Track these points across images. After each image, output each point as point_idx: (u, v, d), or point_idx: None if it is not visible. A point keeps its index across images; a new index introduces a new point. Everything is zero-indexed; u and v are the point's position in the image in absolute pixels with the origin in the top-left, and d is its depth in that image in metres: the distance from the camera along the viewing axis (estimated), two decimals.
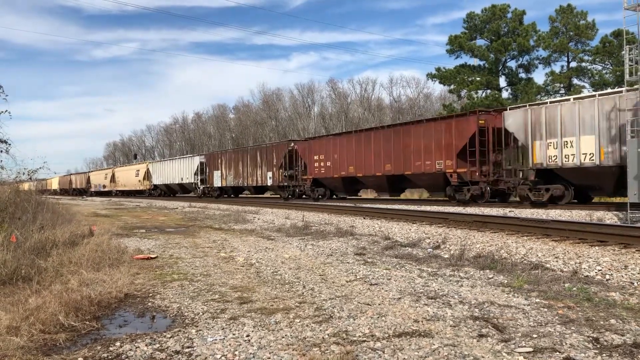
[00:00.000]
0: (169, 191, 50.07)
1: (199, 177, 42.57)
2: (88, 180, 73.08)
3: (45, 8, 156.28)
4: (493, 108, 24.91)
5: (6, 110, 10.97)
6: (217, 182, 39.97)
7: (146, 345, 4.56)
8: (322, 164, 28.79)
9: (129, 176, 57.67)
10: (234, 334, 4.81)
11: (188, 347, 4.48)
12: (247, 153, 36.52)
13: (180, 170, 45.35)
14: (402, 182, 24.77)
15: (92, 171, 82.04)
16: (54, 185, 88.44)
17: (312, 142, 31.03)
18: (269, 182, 33.40)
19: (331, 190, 29.92)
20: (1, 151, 11.64)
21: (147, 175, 52.56)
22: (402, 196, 28.76)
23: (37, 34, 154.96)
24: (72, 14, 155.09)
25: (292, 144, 32.31)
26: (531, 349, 4.26)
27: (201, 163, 42.55)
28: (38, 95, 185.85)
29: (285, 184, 31.95)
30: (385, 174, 24.47)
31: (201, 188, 42.58)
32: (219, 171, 39.73)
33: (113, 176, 62.80)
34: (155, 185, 51.04)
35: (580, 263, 7.79)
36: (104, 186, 65.11)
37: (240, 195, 41.14)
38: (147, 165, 54.26)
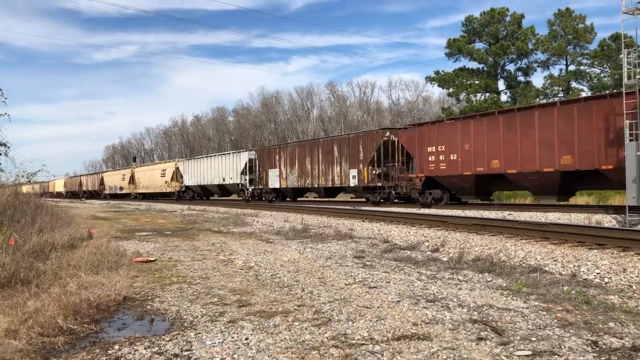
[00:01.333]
0: (204, 194, 43.31)
1: (247, 177, 35.45)
2: (101, 182, 66.72)
3: (44, 10, 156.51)
4: None
5: (5, 113, 10.98)
6: (274, 183, 33.11)
7: (145, 348, 4.56)
8: (442, 157, 21.51)
9: (152, 177, 50.87)
10: (232, 337, 4.81)
11: (187, 350, 4.48)
12: (318, 146, 29.40)
13: (222, 168, 38.34)
14: (588, 180, 17.43)
15: (106, 171, 74.57)
16: (59, 187, 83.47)
17: (423, 129, 23.07)
18: (353, 182, 26.44)
19: (452, 192, 22.57)
20: (0, 154, 11.64)
21: (176, 176, 45.86)
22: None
23: (36, 36, 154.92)
24: (71, 17, 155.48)
25: (388, 133, 25.11)
26: (530, 352, 4.26)
27: (250, 160, 35.33)
28: (37, 98, 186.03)
29: (378, 184, 24.90)
30: (560, 170, 17.26)
31: (250, 190, 35.54)
32: (277, 169, 32.77)
33: (132, 177, 56.47)
34: (186, 187, 44.09)
35: (579, 266, 7.80)
36: (121, 188, 59.14)
37: (299, 199, 34.74)
38: (176, 164, 46.76)
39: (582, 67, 40.44)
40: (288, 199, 34.23)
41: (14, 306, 5.73)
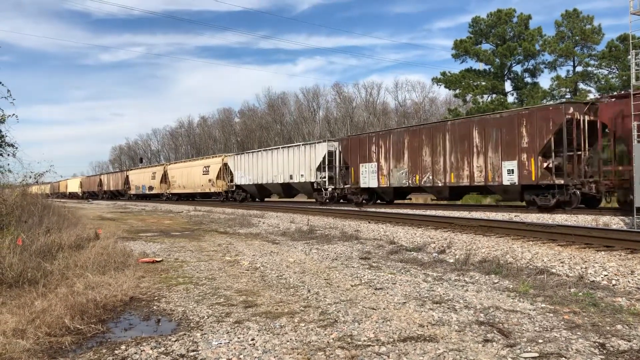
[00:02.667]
0: (261, 194, 36.45)
1: (324, 174, 28.31)
2: (126, 181, 59.92)
3: (53, 12, 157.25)
4: None
5: (13, 114, 11.03)
6: (369, 181, 25.30)
7: (151, 348, 4.57)
8: None
9: (191, 175, 43.60)
10: (238, 338, 4.82)
11: (193, 351, 4.49)
12: (444, 131, 21.67)
13: (289, 164, 31.13)
14: None
15: (132, 169, 65.42)
16: (73, 187, 78.17)
17: None
18: (509, 179, 18.87)
19: None
20: (9, 155, 11.70)
21: (223, 174, 38.94)
22: None
23: (45, 38, 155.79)
24: (79, 18, 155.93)
25: (572, 109, 17.43)
26: (537, 354, 4.24)
27: (330, 153, 28.13)
28: (45, 99, 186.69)
29: (557, 181, 17.28)
30: None
31: (329, 190, 28.08)
32: (372, 163, 25.14)
33: (165, 175, 49.16)
34: (237, 186, 37.15)
35: (586, 268, 7.76)
36: (151, 188, 52.17)
37: (396, 202, 26.28)
38: (223, 160, 39.45)
39: (589, 68, 40.23)
40: (379, 201, 26.68)
41: (22, 306, 5.76)
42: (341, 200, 28.28)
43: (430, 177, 22.22)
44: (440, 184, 21.84)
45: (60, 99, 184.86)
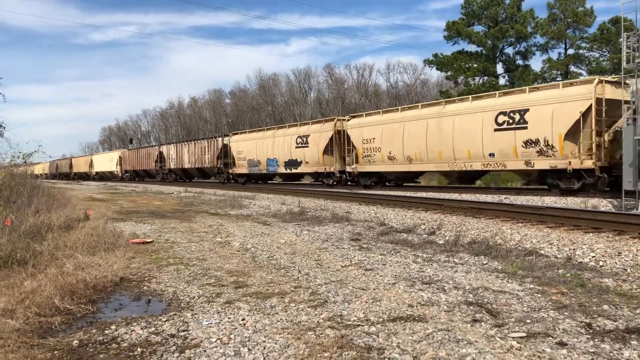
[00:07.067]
0: None
1: None
2: (221, 154, 35.36)
3: None
4: None
5: (0, 94, 10.88)
6: None
7: (141, 328, 4.58)
8: None
9: (468, 131, 18.77)
10: (229, 318, 4.83)
11: (183, 331, 4.50)
12: None
13: None
14: None
15: (237, 133, 36.45)
16: (103, 165, 57.58)
17: None
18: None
19: None
20: None
21: (580, 127, 15.34)
22: None
23: (34, 16, 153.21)
24: None
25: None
26: (524, 334, 4.29)
27: None
28: (34, 79, 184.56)
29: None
30: None
31: None
32: None
33: (336, 139, 25.95)
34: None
35: (574, 249, 7.84)
36: (293, 163, 28.76)
37: None
38: (600, 85, 15.19)
39: (581, 51, 40.23)
40: None
41: (11, 286, 5.74)
42: None
43: None
44: None
45: (50, 79, 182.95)
